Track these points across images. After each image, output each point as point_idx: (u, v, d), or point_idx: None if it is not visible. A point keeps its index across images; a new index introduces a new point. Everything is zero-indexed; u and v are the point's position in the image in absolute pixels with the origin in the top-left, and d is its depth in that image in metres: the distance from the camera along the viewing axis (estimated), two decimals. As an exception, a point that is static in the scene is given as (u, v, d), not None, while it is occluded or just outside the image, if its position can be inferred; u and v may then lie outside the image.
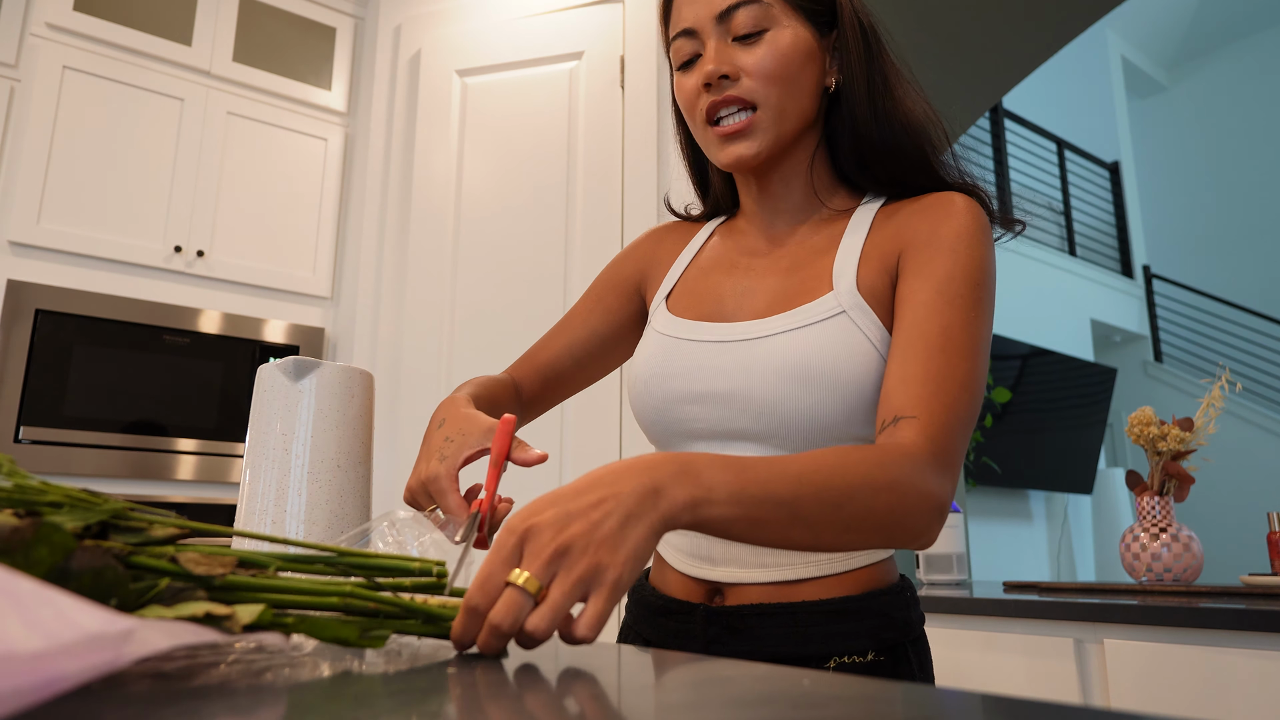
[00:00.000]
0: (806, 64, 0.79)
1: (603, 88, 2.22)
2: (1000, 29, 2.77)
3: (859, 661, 0.74)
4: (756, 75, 0.77)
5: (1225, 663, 1.26)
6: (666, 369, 0.80)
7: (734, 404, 0.75)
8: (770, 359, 0.74)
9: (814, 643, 0.73)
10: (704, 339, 0.79)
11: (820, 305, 0.75)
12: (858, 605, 0.74)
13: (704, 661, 0.45)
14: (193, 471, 2.35)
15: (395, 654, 0.43)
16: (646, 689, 0.40)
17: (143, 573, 0.38)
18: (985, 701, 0.33)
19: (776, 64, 0.77)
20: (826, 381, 0.72)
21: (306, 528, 0.74)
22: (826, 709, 0.31)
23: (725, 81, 0.78)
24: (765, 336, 0.76)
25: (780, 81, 0.77)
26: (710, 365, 0.77)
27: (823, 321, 0.74)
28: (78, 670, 0.26)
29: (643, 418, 0.84)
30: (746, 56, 0.77)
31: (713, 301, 0.84)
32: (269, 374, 0.78)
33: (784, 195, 0.85)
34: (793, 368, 0.73)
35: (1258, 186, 6.92)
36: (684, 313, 0.85)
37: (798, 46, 0.78)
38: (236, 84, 2.59)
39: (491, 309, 2.19)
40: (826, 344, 0.73)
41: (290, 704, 0.30)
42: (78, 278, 2.28)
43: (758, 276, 0.83)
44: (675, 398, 0.79)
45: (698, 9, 0.79)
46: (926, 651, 0.80)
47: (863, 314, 0.74)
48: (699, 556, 0.78)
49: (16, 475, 0.37)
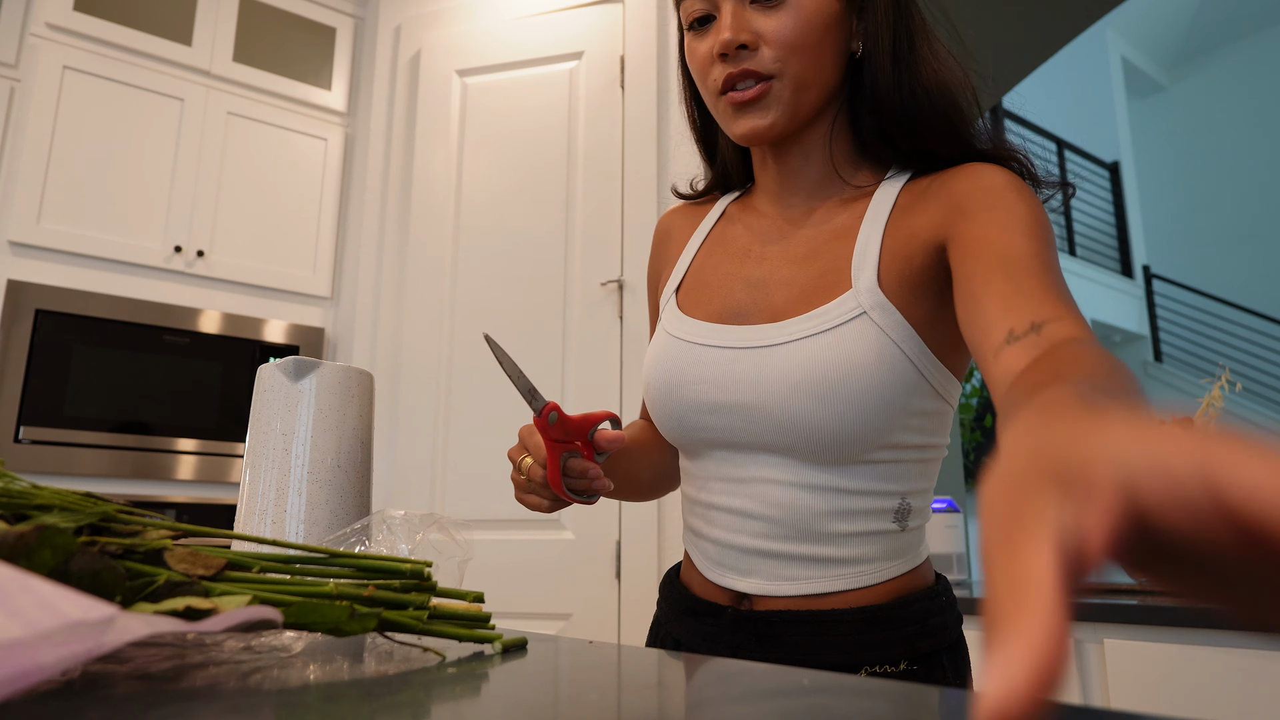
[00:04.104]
0: (831, 29, 0.72)
1: (603, 88, 2.21)
2: (1000, 29, 2.77)
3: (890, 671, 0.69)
4: (776, 44, 0.70)
5: (1225, 663, 1.26)
6: (681, 377, 0.75)
7: (751, 416, 0.71)
8: (789, 370, 0.68)
9: (844, 652, 0.69)
10: (717, 344, 0.74)
11: (839, 306, 0.69)
12: (889, 613, 0.70)
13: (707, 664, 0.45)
14: (193, 471, 2.35)
15: (386, 655, 0.43)
16: (645, 689, 0.40)
17: (135, 573, 0.38)
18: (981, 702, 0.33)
19: (799, 32, 0.70)
20: (847, 393, 0.66)
21: (306, 528, 0.74)
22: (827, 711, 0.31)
23: (743, 52, 0.71)
24: (781, 344, 0.70)
25: (803, 50, 0.71)
26: (725, 375, 0.72)
27: (842, 325, 0.68)
28: (56, 659, 0.25)
29: (661, 424, 0.79)
30: (766, 22, 0.71)
31: (724, 297, 0.77)
32: (269, 374, 0.78)
33: (803, 171, 0.78)
34: (811, 381, 0.67)
35: (1258, 186, 6.91)
36: (695, 310, 0.79)
37: (822, 10, 0.71)
38: (236, 84, 2.59)
39: (491, 309, 2.19)
40: (846, 352, 0.67)
41: (278, 705, 0.30)
42: (78, 278, 2.28)
43: (772, 266, 0.76)
44: (690, 406, 0.75)
45: None
46: (965, 658, 0.75)
47: (885, 314, 0.68)
48: (725, 566, 0.75)
49: (5, 478, 0.37)
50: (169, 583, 0.38)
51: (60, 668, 0.26)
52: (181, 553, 0.40)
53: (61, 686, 0.31)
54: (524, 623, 1.89)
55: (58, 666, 0.25)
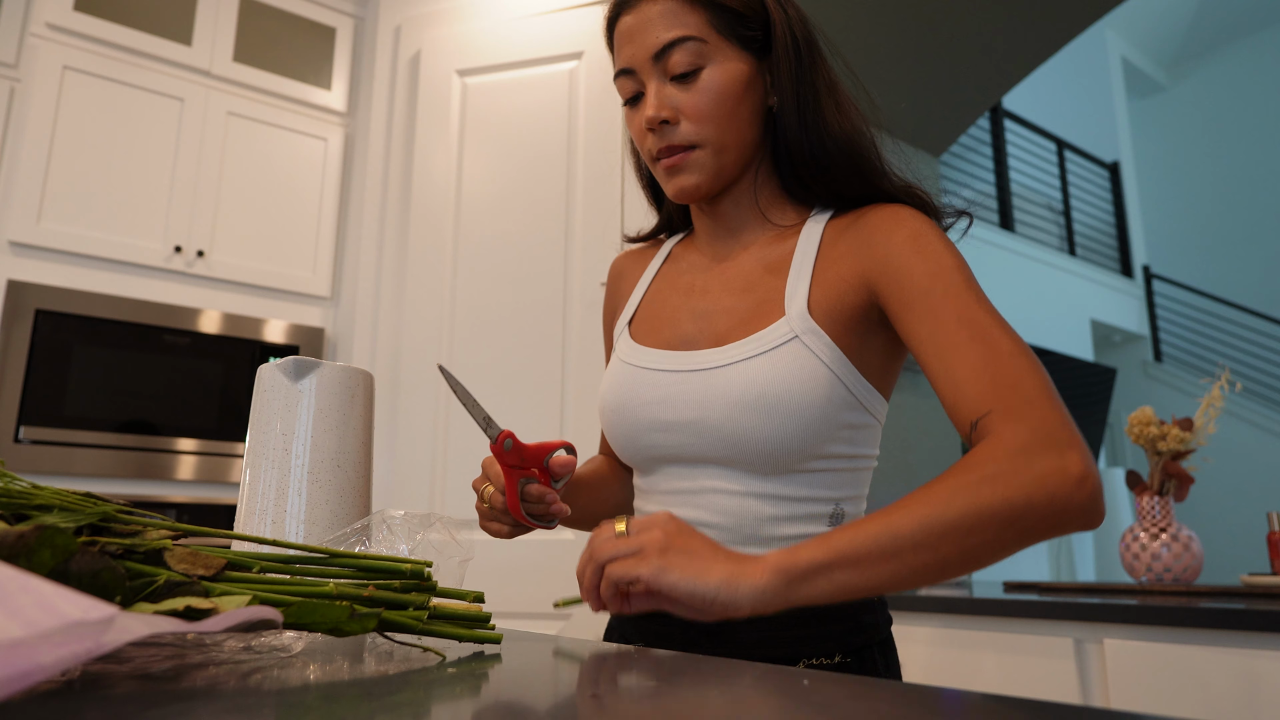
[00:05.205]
0: (745, 95, 0.80)
1: (603, 88, 2.21)
2: (1000, 29, 2.77)
3: (826, 664, 0.76)
4: (694, 117, 0.79)
5: (1225, 663, 1.26)
6: (633, 398, 0.82)
7: (698, 433, 0.78)
8: (730, 389, 0.76)
9: (785, 645, 0.76)
10: (666, 368, 0.82)
11: (773, 332, 0.77)
12: (824, 610, 0.77)
13: (697, 661, 0.45)
14: (193, 471, 2.35)
15: (386, 655, 0.43)
16: (647, 688, 0.40)
17: (135, 573, 0.38)
18: (986, 702, 0.33)
19: (713, 104, 0.78)
20: (784, 408, 0.73)
21: (306, 528, 0.73)
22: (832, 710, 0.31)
23: (666, 127, 0.80)
24: (722, 366, 0.77)
25: (718, 120, 0.79)
26: (673, 395, 0.80)
27: (776, 349, 0.75)
28: (56, 659, 0.25)
29: (614, 443, 0.86)
30: (684, 97, 0.79)
31: (672, 327, 0.86)
32: (269, 374, 0.78)
33: (733, 215, 0.87)
34: (752, 398, 0.74)
35: (1257, 186, 6.91)
36: (645, 339, 0.87)
37: (735, 80, 0.79)
38: (236, 84, 2.59)
39: (491, 309, 2.19)
40: (781, 371, 0.74)
41: (278, 705, 0.30)
42: (78, 278, 2.28)
43: (713, 298, 0.84)
44: (642, 426, 0.82)
45: (634, 49, 0.80)
46: (893, 653, 0.82)
47: (815, 337, 0.75)
48: None
49: (4, 478, 0.37)
50: (169, 583, 0.38)
51: (60, 668, 0.26)
52: (181, 553, 0.40)
53: (61, 686, 0.31)
54: (524, 623, 1.89)
55: (58, 666, 0.25)
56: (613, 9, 0.84)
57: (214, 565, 0.40)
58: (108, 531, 0.39)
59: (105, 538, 0.39)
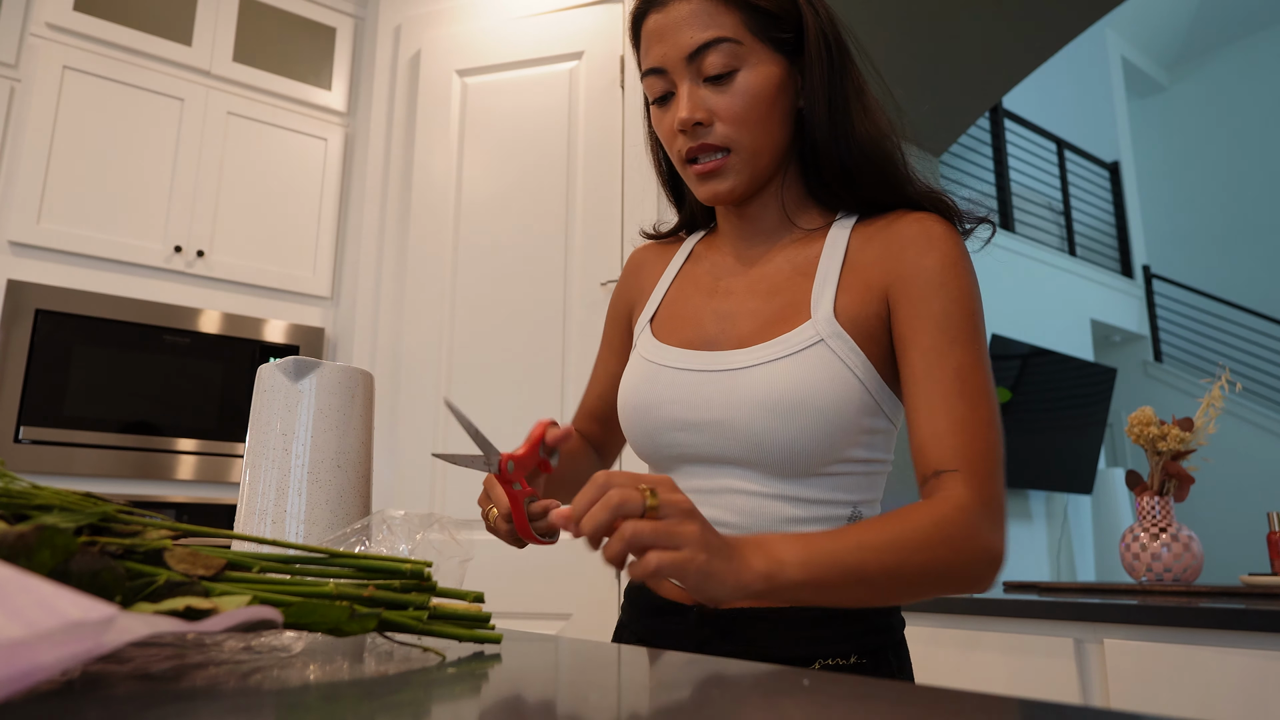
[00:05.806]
0: (778, 99, 0.79)
1: (603, 88, 2.21)
2: (1000, 29, 2.77)
3: (841, 664, 0.76)
4: (729, 120, 0.78)
5: (1225, 663, 1.26)
6: (654, 397, 0.82)
7: (720, 433, 0.77)
8: (753, 391, 0.75)
9: (800, 645, 0.76)
10: (689, 367, 0.81)
11: (799, 335, 0.77)
12: (842, 611, 0.77)
13: (701, 661, 0.45)
14: (193, 471, 2.35)
15: (386, 655, 0.43)
16: (645, 689, 0.40)
17: (135, 573, 0.38)
18: (986, 701, 0.33)
19: (748, 107, 0.78)
20: (807, 411, 0.73)
21: (306, 527, 0.73)
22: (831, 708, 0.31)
23: (699, 128, 0.79)
24: (747, 367, 0.77)
25: (753, 124, 0.78)
26: (696, 395, 0.79)
27: (801, 351, 0.75)
28: (56, 659, 0.25)
29: (634, 442, 0.86)
30: (718, 99, 0.78)
31: (695, 326, 0.85)
32: (269, 374, 0.78)
33: (761, 217, 0.87)
34: (775, 400, 0.74)
35: (1258, 186, 6.91)
36: (668, 337, 0.86)
37: (769, 84, 0.78)
38: (236, 84, 2.59)
39: (491, 309, 2.19)
40: (806, 374, 0.74)
41: (278, 705, 0.30)
42: (78, 278, 2.28)
43: (737, 300, 0.84)
44: (663, 424, 0.81)
45: (666, 48, 0.79)
46: (906, 655, 0.82)
47: (841, 342, 0.75)
48: None
49: (5, 478, 0.37)
50: (169, 583, 0.38)
51: (60, 668, 0.26)
52: (181, 553, 0.40)
53: (61, 686, 0.31)
54: (524, 623, 1.89)
55: (58, 666, 0.25)
56: (640, 5, 0.82)
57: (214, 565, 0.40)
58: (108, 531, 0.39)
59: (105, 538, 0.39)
